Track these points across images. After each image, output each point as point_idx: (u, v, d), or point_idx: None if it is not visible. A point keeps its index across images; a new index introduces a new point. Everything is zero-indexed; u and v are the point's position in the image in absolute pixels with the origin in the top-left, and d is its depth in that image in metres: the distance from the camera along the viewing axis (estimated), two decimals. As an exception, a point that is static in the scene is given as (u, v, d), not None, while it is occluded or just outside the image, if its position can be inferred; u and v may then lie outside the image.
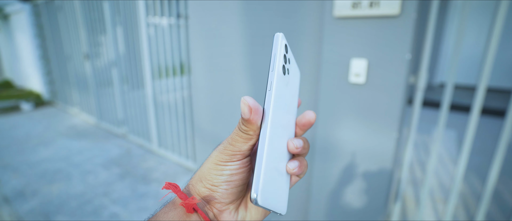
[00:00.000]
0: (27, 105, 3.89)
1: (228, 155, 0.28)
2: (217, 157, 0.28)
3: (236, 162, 0.28)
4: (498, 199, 1.76)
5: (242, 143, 0.27)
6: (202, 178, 0.29)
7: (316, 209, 1.31)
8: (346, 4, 0.95)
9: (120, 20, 2.41)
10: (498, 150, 0.97)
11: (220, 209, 0.28)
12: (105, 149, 2.52)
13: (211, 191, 0.28)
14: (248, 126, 0.26)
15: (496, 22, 0.88)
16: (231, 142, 0.28)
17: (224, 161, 0.28)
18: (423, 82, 1.08)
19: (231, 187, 0.28)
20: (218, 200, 0.28)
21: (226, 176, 0.28)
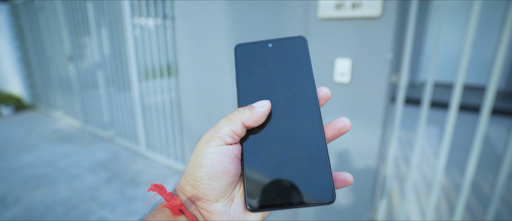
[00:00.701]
0: (7, 109, 3.75)
1: (207, 138, 0.26)
2: (197, 147, 0.26)
3: (215, 147, 0.25)
4: (477, 191, 1.84)
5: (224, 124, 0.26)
6: (186, 174, 0.27)
7: (305, 208, 1.33)
8: (330, 6, 0.98)
9: (104, 21, 2.36)
10: (474, 144, 1.02)
11: (208, 209, 0.26)
12: (92, 153, 2.46)
13: (194, 188, 0.26)
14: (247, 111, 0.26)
15: (470, 23, 0.93)
16: (215, 125, 0.27)
17: (203, 147, 0.25)
18: (405, 80, 1.12)
19: (214, 181, 0.25)
20: (203, 199, 0.26)
21: (207, 168, 0.25)
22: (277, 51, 0.29)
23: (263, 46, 0.29)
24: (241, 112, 0.26)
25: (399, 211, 1.62)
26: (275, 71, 0.29)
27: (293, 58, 0.30)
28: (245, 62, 0.28)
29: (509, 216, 1.57)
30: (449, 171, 2.12)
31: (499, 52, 0.90)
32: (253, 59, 0.29)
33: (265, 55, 0.29)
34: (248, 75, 0.28)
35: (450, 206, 1.68)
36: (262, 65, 0.29)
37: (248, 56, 0.29)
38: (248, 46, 0.29)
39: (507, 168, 0.97)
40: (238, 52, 0.28)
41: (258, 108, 0.26)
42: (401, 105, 1.16)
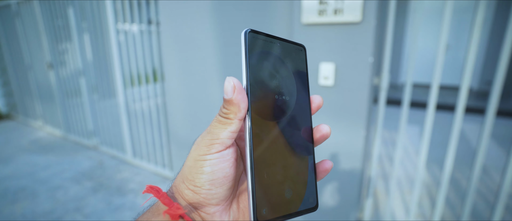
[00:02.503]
0: (-18, 120, 3.56)
1: (205, 145, 0.24)
2: (195, 150, 0.25)
3: (215, 154, 0.24)
4: (456, 185, 1.93)
5: (220, 129, 0.24)
6: (184, 178, 0.26)
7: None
8: (313, 11, 1.01)
9: (87, 26, 2.31)
10: (451, 142, 1.08)
11: (208, 212, 0.25)
12: (75, 162, 2.39)
13: (194, 193, 0.25)
14: (230, 107, 0.24)
15: (443, 26, 0.99)
16: (209, 130, 0.25)
17: (202, 154, 0.24)
18: (386, 82, 1.17)
19: (215, 187, 0.25)
20: (204, 203, 0.25)
21: (208, 174, 0.24)
22: (283, 52, 0.28)
23: (272, 42, 0.28)
24: (230, 112, 0.24)
25: (384, 208, 1.67)
26: (281, 70, 0.28)
27: (295, 63, 0.29)
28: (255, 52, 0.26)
29: (484, 208, 1.66)
30: (430, 167, 2.22)
31: (469, 54, 0.96)
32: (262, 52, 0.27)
33: (273, 52, 0.28)
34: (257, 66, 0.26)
35: (431, 201, 1.75)
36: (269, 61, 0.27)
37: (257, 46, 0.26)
38: (259, 36, 0.27)
39: (481, 162, 1.03)
40: (249, 39, 0.26)
41: (235, 96, 0.24)
42: (383, 106, 1.21)
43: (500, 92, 0.95)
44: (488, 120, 0.98)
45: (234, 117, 0.24)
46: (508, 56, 0.91)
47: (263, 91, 0.26)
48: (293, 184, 0.27)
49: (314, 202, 0.28)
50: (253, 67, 0.25)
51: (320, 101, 0.30)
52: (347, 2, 0.96)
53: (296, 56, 0.30)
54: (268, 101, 0.26)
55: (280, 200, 0.25)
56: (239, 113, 0.24)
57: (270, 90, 0.26)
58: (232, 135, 0.25)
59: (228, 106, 0.24)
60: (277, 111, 0.27)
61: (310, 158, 0.28)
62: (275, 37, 0.28)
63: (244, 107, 0.24)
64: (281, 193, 0.26)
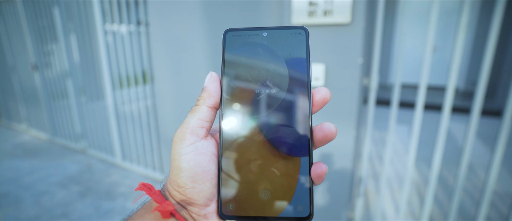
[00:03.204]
0: (-37, 123, 3.43)
1: (179, 138, 0.24)
2: (172, 148, 0.25)
3: (188, 147, 0.24)
4: (443, 183, 1.97)
5: (190, 117, 0.25)
6: (170, 180, 0.25)
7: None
8: (303, 13, 1.02)
9: (73, 27, 2.26)
10: (438, 141, 1.10)
11: (199, 214, 0.24)
12: (62, 166, 2.32)
13: (180, 194, 0.24)
14: (202, 94, 0.25)
15: (430, 27, 1.01)
16: (183, 122, 0.25)
17: (178, 149, 0.24)
18: (375, 83, 1.19)
19: (198, 184, 0.24)
20: (192, 203, 0.24)
21: (186, 171, 0.23)
22: (272, 42, 0.26)
23: (256, 34, 0.26)
24: (201, 98, 0.25)
25: (375, 207, 1.69)
26: (266, 63, 0.25)
27: (289, 51, 0.26)
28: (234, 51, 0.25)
29: (471, 205, 1.70)
30: (419, 166, 2.26)
31: (455, 55, 0.98)
32: (244, 48, 0.25)
33: (257, 45, 0.25)
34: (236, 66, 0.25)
35: (420, 199, 1.78)
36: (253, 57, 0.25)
37: (238, 44, 0.25)
38: (239, 33, 0.25)
39: (467, 160, 1.05)
40: (227, 39, 0.25)
41: (209, 85, 0.25)
42: (373, 107, 1.23)
43: (484, 92, 0.97)
44: (473, 119, 1.00)
45: (203, 103, 0.25)
46: (491, 58, 0.94)
47: (240, 86, 0.25)
48: (273, 186, 0.24)
49: (307, 211, 0.24)
50: (229, 63, 0.25)
51: (326, 94, 0.25)
52: (336, 3, 0.97)
53: (292, 42, 0.26)
54: (245, 95, 0.25)
55: (253, 200, 0.24)
56: (208, 99, 0.25)
57: (249, 84, 0.25)
58: (201, 123, 0.25)
59: (202, 93, 0.25)
60: (257, 106, 0.25)
61: (304, 160, 0.24)
62: (260, 28, 0.26)
63: (214, 96, 0.25)
64: (255, 193, 0.24)
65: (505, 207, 1.68)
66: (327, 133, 0.24)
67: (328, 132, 0.24)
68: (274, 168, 0.24)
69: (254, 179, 0.24)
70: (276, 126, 0.25)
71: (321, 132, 0.25)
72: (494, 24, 0.90)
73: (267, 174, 0.24)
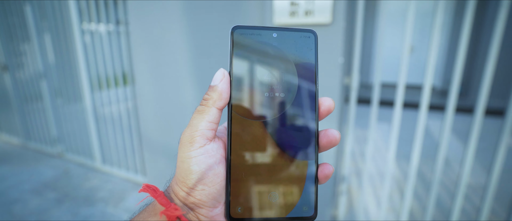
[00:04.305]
0: None
1: (188, 141, 0.24)
2: (180, 149, 0.24)
3: (198, 149, 0.23)
4: (422, 178, 2.05)
5: (199, 119, 0.24)
6: (177, 180, 0.25)
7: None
8: (284, 13, 1.02)
9: (48, 26, 2.15)
10: (416, 137, 1.13)
11: (207, 216, 0.24)
12: (36, 172, 2.21)
13: (189, 195, 0.24)
14: (211, 93, 0.24)
15: (407, 28, 1.04)
16: (189, 123, 0.24)
17: (187, 152, 0.23)
18: (356, 82, 1.21)
19: (208, 186, 0.23)
20: (200, 205, 0.24)
21: (196, 174, 0.23)
22: (282, 44, 0.25)
23: (266, 34, 0.25)
24: (210, 98, 0.24)
25: (357, 204, 1.73)
26: (275, 65, 0.25)
27: (298, 54, 0.25)
28: (243, 50, 0.24)
29: (447, 198, 1.78)
30: (399, 163, 2.33)
31: (430, 55, 1.02)
32: (253, 48, 0.25)
33: (267, 46, 0.25)
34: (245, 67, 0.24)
35: (401, 194, 1.84)
36: (263, 58, 0.25)
37: (247, 43, 0.24)
38: (248, 31, 0.25)
39: (443, 155, 1.10)
40: (235, 36, 0.24)
41: (219, 84, 0.24)
42: (354, 106, 1.25)
43: (458, 90, 1.02)
44: (448, 116, 1.04)
45: (212, 104, 0.24)
46: (464, 58, 0.98)
47: (249, 88, 0.24)
48: (282, 189, 0.25)
49: (311, 211, 0.25)
50: (239, 62, 0.24)
51: (330, 105, 0.26)
52: (317, 3, 0.98)
53: (301, 46, 0.25)
54: (254, 98, 0.25)
55: (262, 202, 0.24)
56: (218, 101, 0.24)
57: (258, 87, 0.25)
58: (211, 125, 0.24)
59: (210, 92, 0.24)
60: (266, 109, 0.25)
61: (311, 163, 0.25)
62: (269, 28, 0.25)
63: (225, 97, 0.24)
64: (263, 195, 0.24)
65: (478, 199, 1.77)
66: (332, 139, 0.26)
67: (332, 138, 0.26)
68: (282, 171, 0.25)
69: (263, 182, 0.24)
70: (285, 129, 0.25)
71: (326, 138, 0.26)
72: (465, 25, 0.95)
73: (275, 177, 0.25)
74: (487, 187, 1.03)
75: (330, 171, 0.26)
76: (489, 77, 0.95)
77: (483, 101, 0.97)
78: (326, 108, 0.26)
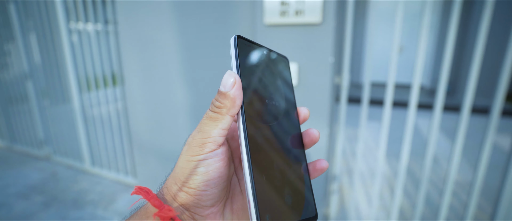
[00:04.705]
0: None
1: (198, 145, 0.24)
2: (187, 151, 0.24)
3: (208, 153, 0.23)
4: (412, 176, 2.09)
5: (211, 126, 0.24)
6: (177, 180, 0.24)
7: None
8: (275, 12, 1.02)
9: (33, 25, 2.10)
10: (405, 136, 1.15)
11: (203, 214, 0.24)
12: (22, 176, 2.15)
13: (188, 195, 0.24)
14: (224, 101, 0.23)
15: (396, 28, 1.05)
16: (200, 128, 0.24)
17: (195, 154, 0.23)
18: (346, 81, 1.22)
19: (210, 188, 0.24)
20: (198, 205, 0.24)
21: (202, 175, 0.23)
22: (270, 60, 0.29)
23: (260, 50, 0.28)
24: (223, 106, 0.23)
25: (349, 202, 1.75)
26: (269, 76, 0.28)
27: (281, 72, 0.30)
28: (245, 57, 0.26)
29: (436, 195, 1.81)
30: (390, 161, 2.37)
31: (418, 55, 1.04)
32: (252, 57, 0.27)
33: (262, 59, 0.28)
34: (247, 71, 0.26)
35: (392, 191, 1.87)
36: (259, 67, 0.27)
37: (247, 51, 0.26)
38: (248, 42, 0.27)
39: (432, 153, 1.12)
40: (239, 44, 0.26)
41: (231, 91, 0.23)
42: (345, 105, 1.26)
43: (445, 89, 1.04)
44: (436, 114, 1.06)
45: (226, 112, 0.23)
46: (451, 58, 1.00)
47: (255, 94, 0.25)
48: (292, 190, 0.25)
49: (313, 211, 0.26)
50: (243, 71, 0.25)
51: (306, 114, 0.30)
52: (307, 3, 0.98)
53: (282, 65, 0.30)
54: (260, 104, 0.26)
55: (282, 206, 0.24)
56: (232, 109, 0.23)
57: (261, 94, 0.26)
58: (224, 132, 0.24)
59: (223, 100, 0.23)
60: (269, 115, 0.26)
61: (304, 164, 0.28)
62: (261, 46, 0.28)
63: (239, 104, 0.23)
64: (282, 199, 0.24)
65: (465, 195, 1.81)
66: (313, 137, 0.28)
67: (313, 136, 0.28)
68: (290, 173, 0.26)
69: (280, 185, 0.24)
70: (284, 134, 0.27)
71: (308, 137, 0.28)
72: (452, 26, 0.97)
73: (287, 179, 0.25)
74: (474, 183, 1.06)
75: (326, 165, 0.28)
76: (475, 77, 0.97)
77: (469, 100, 0.99)
78: (303, 116, 0.30)
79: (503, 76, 0.93)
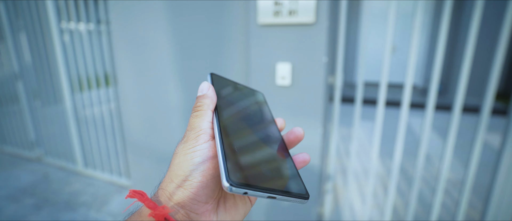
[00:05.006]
0: None
1: (193, 138, 0.26)
2: (183, 148, 0.26)
3: (203, 144, 0.26)
4: (405, 174, 2.11)
5: (200, 121, 0.27)
6: (174, 176, 0.26)
7: (255, 209, 1.35)
8: (268, 12, 1.02)
9: (23, 25, 2.06)
10: (398, 134, 1.17)
11: (198, 212, 0.25)
12: (12, 178, 2.11)
13: (185, 190, 0.25)
14: (204, 100, 0.29)
15: (389, 28, 1.07)
16: (191, 127, 0.27)
17: (191, 146, 0.26)
18: (340, 81, 1.23)
19: (207, 179, 0.25)
20: (194, 201, 0.25)
21: (199, 165, 0.25)
22: (242, 89, 0.35)
23: (233, 83, 0.35)
24: (204, 104, 0.29)
25: (343, 201, 1.76)
26: (241, 97, 0.34)
27: (254, 98, 0.36)
28: (219, 88, 0.32)
29: (428, 192, 1.84)
30: (383, 159, 2.39)
31: (411, 55, 1.05)
32: (226, 88, 0.33)
33: (235, 89, 0.34)
34: (220, 87, 0.31)
35: (385, 190, 1.89)
36: (233, 95, 0.33)
37: (220, 83, 0.32)
38: (221, 77, 0.34)
39: (424, 152, 1.13)
40: (213, 79, 0.32)
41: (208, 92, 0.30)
42: (338, 104, 1.27)
43: (437, 89, 1.05)
44: (428, 114, 1.08)
45: (207, 108, 0.28)
46: (442, 58, 1.01)
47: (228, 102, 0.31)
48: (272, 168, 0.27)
49: (303, 190, 0.27)
50: (216, 86, 0.31)
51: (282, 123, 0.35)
52: (301, 3, 0.98)
53: (256, 95, 0.37)
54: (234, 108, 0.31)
55: (257, 173, 0.25)
56: (211, 105, 0.29)
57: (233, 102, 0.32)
58: (210, 125, 0.28)
59: (202, 99, 0.29)
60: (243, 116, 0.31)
61: (287, 155, 0.30)
62: (235, 82, 0.36)
63: (215, 101, 0.29)
64: (258, 169, 0.26)
65: (457, 193, 1.84)
66: (297, 135, 0.32)
67: (298, 134, 0.32)
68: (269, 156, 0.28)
69: (255, 162, 0.26)
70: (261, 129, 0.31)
71: (293, 134, 0.32)
72: (443, 26, 0.98)
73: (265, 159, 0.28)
74: (465, 181, 1.08)
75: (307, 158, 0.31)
76: (466, 77, 0.99)
77: (460, 100, 1.01)
78: (279, 125, 0.35)
79: (492, 76, 0.95)
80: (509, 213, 1.03)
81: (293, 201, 0.26)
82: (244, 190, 0.23)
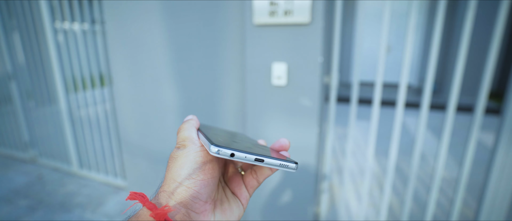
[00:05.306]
0: None
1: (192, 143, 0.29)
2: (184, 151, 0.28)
3: (202, 146, 0.29)
4: (400, 173, 2.13)
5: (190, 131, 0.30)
6: (176, 176, 0.27)
7: (252, 209, 1.35)
8: (264, 13, 1.02)
9: (17, 24, 2.03)
10: (393, 134, 1.17)
11: (198, 211, 0.27)
12: (5, 179, 2.08)
13: (187, 188, 0.26)
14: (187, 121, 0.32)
15: (383, 28, 1.07)
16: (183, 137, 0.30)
17: (193, 150, 0.28)
18: (335, 81, 1.23)
19: (208, 178, 0.27)
20: (195, 199, 0.26)
21: (201, 163, 0.27)
22: (227, 130, 0.41)
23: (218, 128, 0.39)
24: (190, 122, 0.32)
25: (339, 200, 1.77)
26: (228, 131, 0.39)
27: (238, 133, 0.40)
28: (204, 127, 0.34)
29: (423, 191, 1.85)
30: (379, 159, 2.41)
31: (405, 54, 1.06)
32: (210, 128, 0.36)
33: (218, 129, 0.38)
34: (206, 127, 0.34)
35: (381, 189, 1.90)
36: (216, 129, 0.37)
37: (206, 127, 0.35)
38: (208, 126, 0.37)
39: (419, 151, 1.14)
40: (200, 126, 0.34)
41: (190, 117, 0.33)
42: (334, 104, 1.27)
43: (432, 88, 1.06)
44: (423, 113, 1.09)
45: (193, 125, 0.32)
46: (436, 57, 1.02)
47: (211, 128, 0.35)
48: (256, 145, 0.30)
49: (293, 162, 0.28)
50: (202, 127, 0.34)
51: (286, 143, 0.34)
52: (296, 3, 0.98)
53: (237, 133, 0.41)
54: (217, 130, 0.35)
55: (241, 146, 0.27)
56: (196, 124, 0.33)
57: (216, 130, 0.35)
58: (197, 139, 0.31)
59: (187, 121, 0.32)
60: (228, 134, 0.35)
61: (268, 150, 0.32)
62: None
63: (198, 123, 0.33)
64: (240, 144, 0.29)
65: (451, 191, 1.86)
66: (282, 144, 0.33)
67: (283, 143, 0.33)
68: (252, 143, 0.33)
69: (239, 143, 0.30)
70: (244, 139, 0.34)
71: (278, 143, 0.33)
72: (437, 26, 0.99)
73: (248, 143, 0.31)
74: (459, 179, 1.09)
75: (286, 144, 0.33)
76: (460, 76, 1.00)
77: (455, 99, 1.02)
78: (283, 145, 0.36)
79: (486, 75, 0.96)
80: (502, 211, 1.04)
81: (282, 165, 0.27)
82: (231, 151, 0.24)
